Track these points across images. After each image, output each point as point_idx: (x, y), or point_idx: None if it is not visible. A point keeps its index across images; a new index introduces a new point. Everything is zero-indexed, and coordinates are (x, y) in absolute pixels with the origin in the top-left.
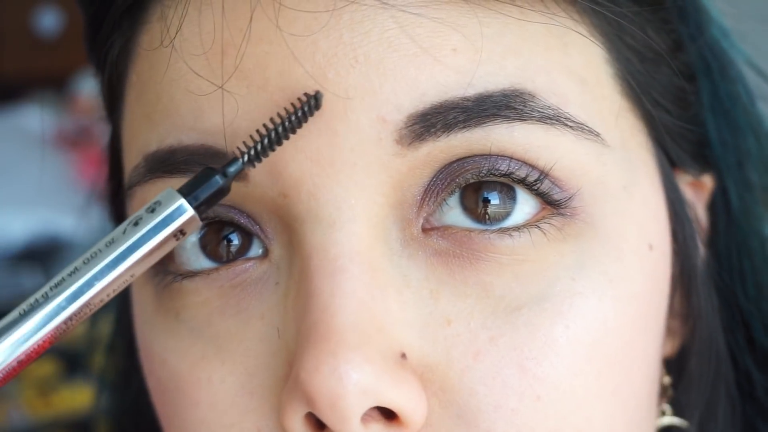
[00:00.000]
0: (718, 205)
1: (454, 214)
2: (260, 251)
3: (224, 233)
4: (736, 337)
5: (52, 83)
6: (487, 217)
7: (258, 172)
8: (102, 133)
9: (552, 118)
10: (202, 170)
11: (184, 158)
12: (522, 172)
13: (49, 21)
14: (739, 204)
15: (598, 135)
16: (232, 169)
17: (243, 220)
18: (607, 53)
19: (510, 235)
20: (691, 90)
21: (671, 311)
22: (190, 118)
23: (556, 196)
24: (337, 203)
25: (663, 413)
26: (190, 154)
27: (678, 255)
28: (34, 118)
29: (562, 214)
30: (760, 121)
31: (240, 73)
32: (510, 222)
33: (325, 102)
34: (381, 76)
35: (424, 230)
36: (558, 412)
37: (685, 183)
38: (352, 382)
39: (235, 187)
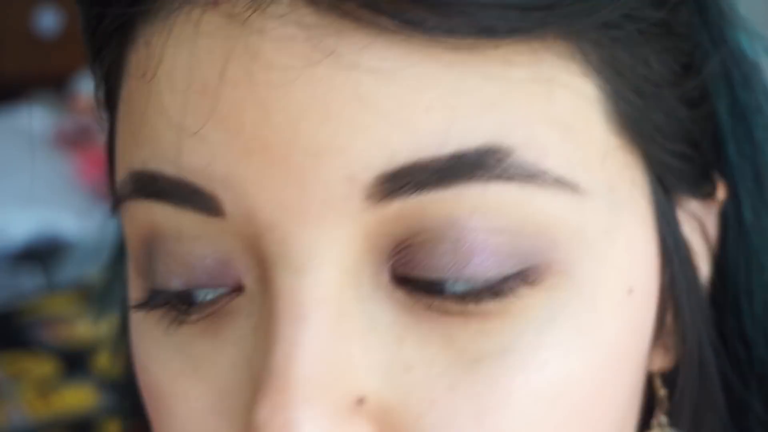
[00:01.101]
0: (729, 216)
1: (421, 269)
2: (230, 291)
3: (191, 301)
4: (736, 353)
5: (52, 83)
6: (446, 290)
7: (234, 213)
8: (102, 133)
9: (529, 174)
10: None
11: (165, 187)
12: (492, 267)
13: (48, 21)
14: (754, 219)
15: (576, 186)
16: None
17: (203, 281)
18: (600, 91)
19: (478, 301)
20: (700, 114)
21: (665, 331)
22: (170, 151)
23: (528, 270)
24: (307, 250)
25: (660, 425)
26: (170, 185)
27: (669, 282)
28: (34, 118)
29: (534, 273)
30: None
31: (217, 116)
32: (475, 290)
33: (297, 154)
34: (352, 133)
35: (394, 280)
36: None
37: (691, 203)
38: None
39: (214, 222)
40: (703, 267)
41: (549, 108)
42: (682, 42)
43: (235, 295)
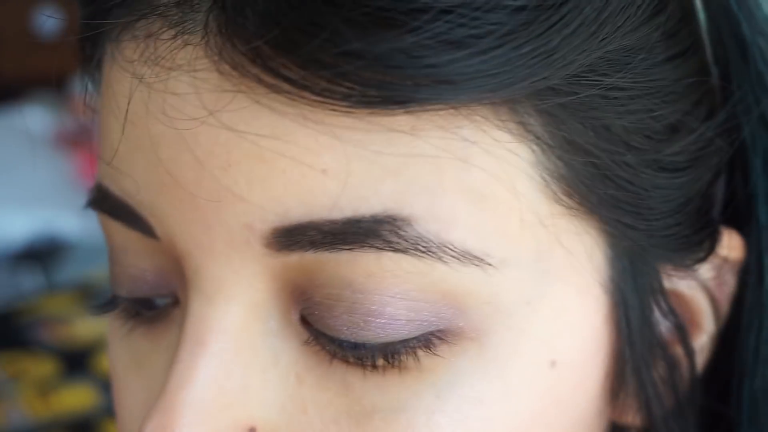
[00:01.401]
0: (751, 273)
1: (320, 324)
2: (170, 301)
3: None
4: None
5: (51, 83)
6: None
7: (162, 237)
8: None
9: (429, 247)
10: None
11: (113, 205)
12: (391, 332)
13: (48, 21)
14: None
15: (486, 258)
16: None
17: (151, 288)
18: (539, 155)
19: (373, 356)
20: (688, 179)
21: (627, 389)
22: (113, 172)
23: (430, 336)
24: (216, 282)
25: None
26: (116, 204)
27: (626, 352)
28: (34, 118)
29: (436, 338)
30: None
31: (140, 147)
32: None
33: (202, 195)
34: (249, 184)
35: (302, 321)
36: None
37: (684, 267)
38: None
39: (152, 242)
40: (708, 326)
41: (461, 177)
42: (673, 101)
43: (173, 305)
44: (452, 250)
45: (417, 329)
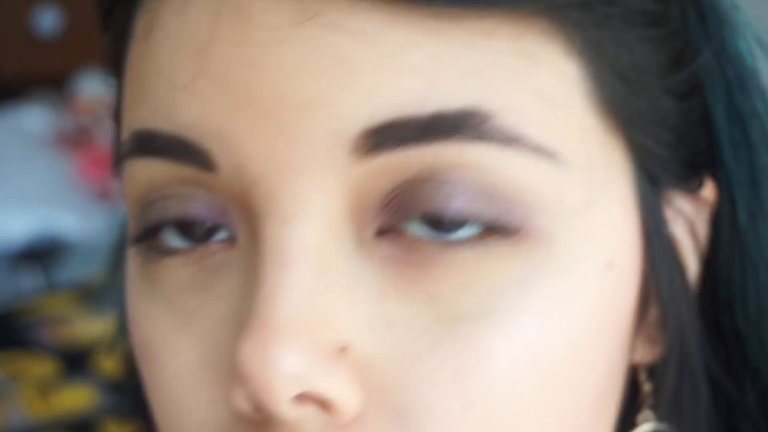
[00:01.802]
0: (723, 219)
1: (403, 214)
2: (227, 235)
3: (188, 225)
4: (729, 351)
5: (51, 83)
6: (431, 235)
7: (226, 167)
8: (103, 132)
9: (508, 139)
10: None
11: (162, 143)
12: (472, 212)
13: (48, 21)
14: (749, 222)
15: (556, 155)
16: None
17: (206, 213)
18: (582, 72)
19: (464, 249)
20: (688, 107)
21: (648, 322)
22: (167, 108)
23: (507, 226)
24: (293, 202)
25: (646, 420)
26: (167, 141)
27: (650, 273)
28: (34, 118)
29: (513, 231)
30: None
31: (208, 73)
32: (461, 234)
33: (286, 109)
34: (338, 88)
35: (379, 234)
36: (490, 421)
37: (679, 199)
38: (281, 368)
39: (208, 176)
40: (691, 264)
41: (530, 80)
42: (671, 36)
43: (227, 247)
44: (529, 143)
45: (495, 221)
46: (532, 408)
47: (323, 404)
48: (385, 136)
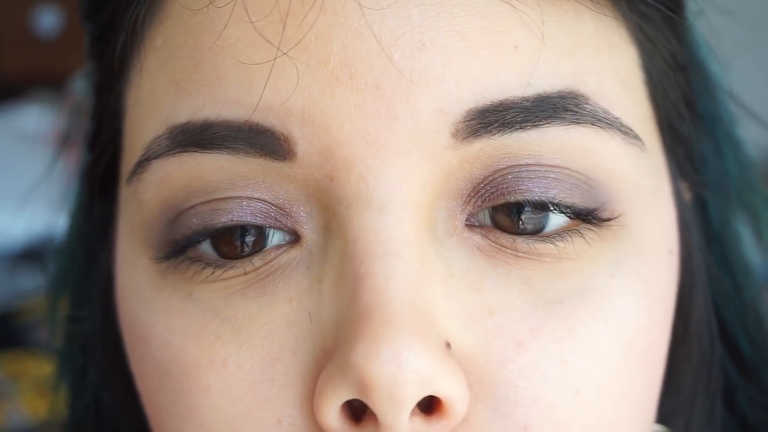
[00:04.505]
0: (693, 220)
1: (489, 220)
2: (286, 238)
3: (236, 236)
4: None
5: (51, 83)
6: (521, 223)
7: (308, 153)
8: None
9: (603, 120)
10: None
11: (222, 133)
12: (577, 207)
13: (48, 21)
14: (719, 220)
15: (640, 139)
16: None
17: (267, 220)
18: (640, 59)
19: (552, 240)
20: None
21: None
22: (236, 90)
23: (599, 210)
24: (388, 188)
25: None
26: (230, 129)
27: (684, 262)
28: (33, 118)
29: (603, 215)
30: (739, 144)
31: (300, 44)
32: (548, 229)
33: (389, 83)
34: (446, 64)
35: (467, 226)
36: (595, 408)
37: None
38: (413, 369)
39: (278, 167)
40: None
41: (612, 62)
42: (686, 37)
43: (288, 247)
44: (621, 125)
45: (588, 206)
46: (628, 395)
47: (435, 409)
48: (489, 119)
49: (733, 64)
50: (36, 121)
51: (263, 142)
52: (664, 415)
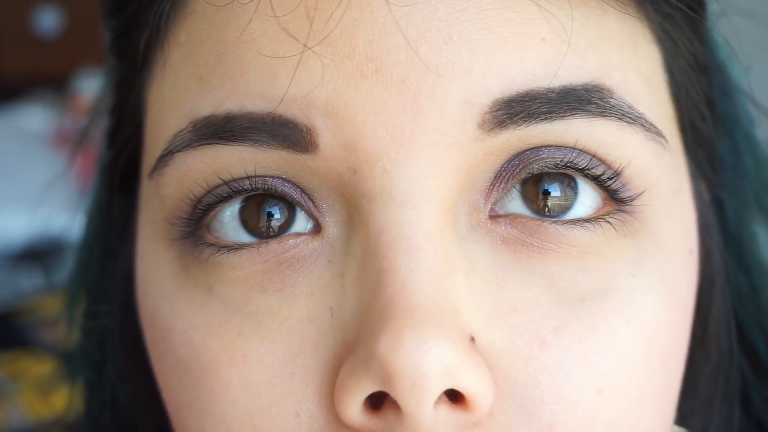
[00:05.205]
0: (711, 220)
1: (515, 204)
2: (309, 227)
3: (266, 207)
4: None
5: (52, 83)
6: (546, 209)
7: (330, 145)
8: (102, 131)
9: (628, 115)
10: None
11: (245, 125)
12: (598, 170)
13: (48, 21)
14: (736, 221)
15: (663, 137)
16: None
17: (294, 194)
18: (662, 59)
19: (582, 227)
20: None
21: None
22: (260, 83)
23: (623, 194)
24: (412, 182)
25: None
26: (253, 121)
27: (703, 263)
28: (34, 118)
29: (625, 211)
30: (758, 145)
31: (326, 39)
32: (573, 214)
33: (414, 77)
34: (472, 56)
35: (491, 217)
36: (617, 407)
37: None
38: (437, 359)
39: (300, 159)
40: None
41: (636, 59)
42: (702, 41)
43: (310, 237)
44: (645, 121)
45: (609, 206)
46: (649, 394)
47: (460, 401)
48: (515, 110)
49: (753, 65)
50: (36, 121)
51: (286, 133)
52: (682, 416)
